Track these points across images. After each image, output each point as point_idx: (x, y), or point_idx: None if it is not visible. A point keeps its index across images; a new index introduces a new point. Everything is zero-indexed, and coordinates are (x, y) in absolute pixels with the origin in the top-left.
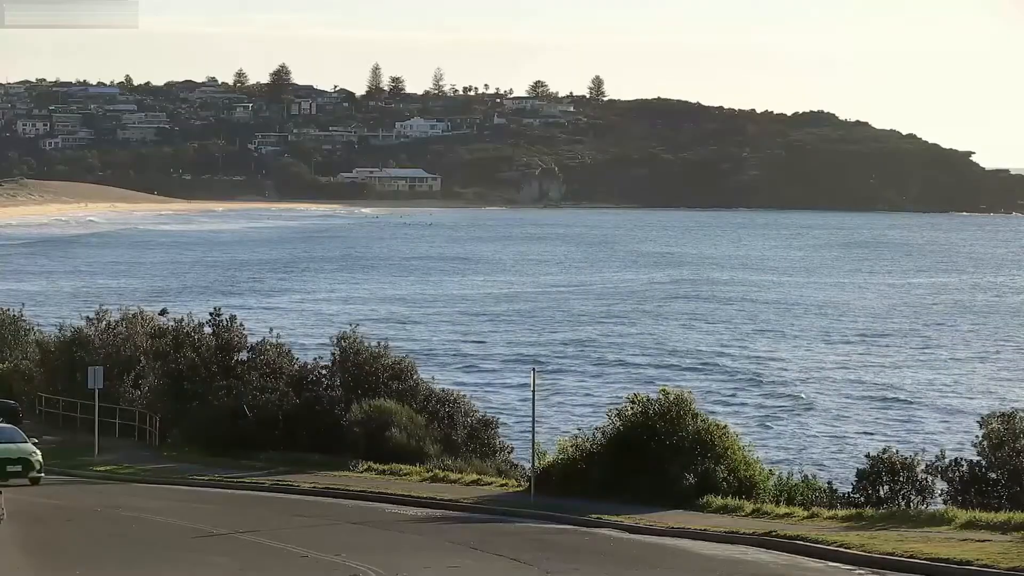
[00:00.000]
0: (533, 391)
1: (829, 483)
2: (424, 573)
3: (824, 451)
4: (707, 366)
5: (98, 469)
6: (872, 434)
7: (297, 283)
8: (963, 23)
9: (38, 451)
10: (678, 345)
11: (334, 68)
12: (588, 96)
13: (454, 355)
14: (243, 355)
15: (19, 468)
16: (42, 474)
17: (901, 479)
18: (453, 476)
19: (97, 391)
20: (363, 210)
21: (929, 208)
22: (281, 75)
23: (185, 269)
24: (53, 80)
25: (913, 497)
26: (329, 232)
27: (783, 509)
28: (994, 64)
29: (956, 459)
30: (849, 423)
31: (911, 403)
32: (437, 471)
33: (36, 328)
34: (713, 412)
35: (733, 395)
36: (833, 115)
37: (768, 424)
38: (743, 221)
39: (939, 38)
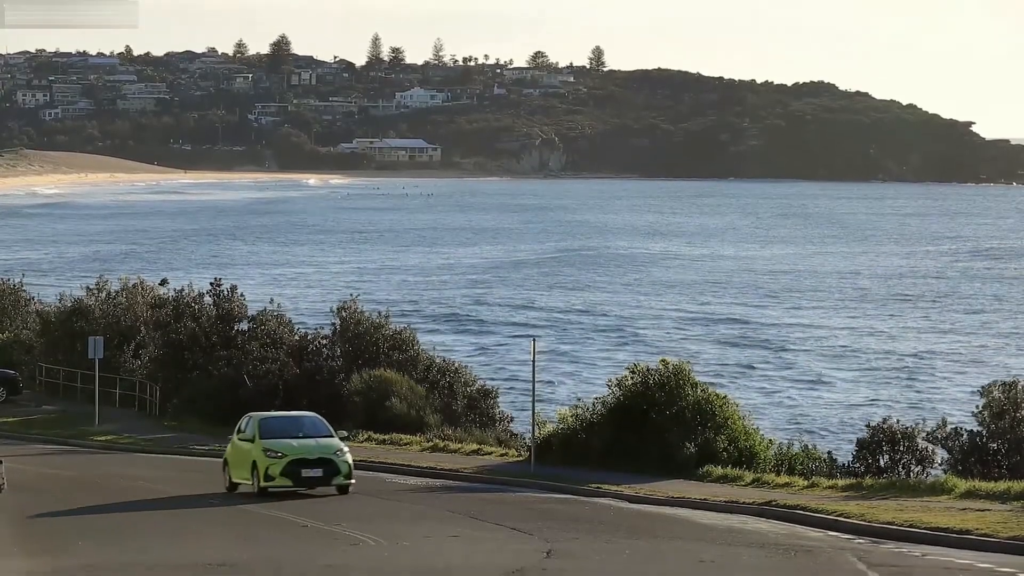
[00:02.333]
0: (533, 361)
1: (829, 453)
2: (424, 542)
3: (824, 421)
4: (704, 335)
5: (98, 439)
6: (872, 404)
7: (292, 253)
8: None
9: (346, 448)
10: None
11: (334, 39)
12: (588, 66)
13: (453, 324)
14: (243, 325)
15: (319, 473)
16: (352, 480)
17: (901, 449)
18: (453, 446)
19: (97, 361)
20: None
21: (929, 179)
22: (281, 46)
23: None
24: (53, 51)
25: (913, 467)
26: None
27: (783, 479)
28: (994, 34)
29: (956, 428)
30: (850, 393)
31: (912, 372)
32: (437, 441)
33: (36, 298)
34: (713, 383)
35: (731, 364)
36: (833, 85)
37: (768, 394)
38: (734, 191)
39: (940, 8)
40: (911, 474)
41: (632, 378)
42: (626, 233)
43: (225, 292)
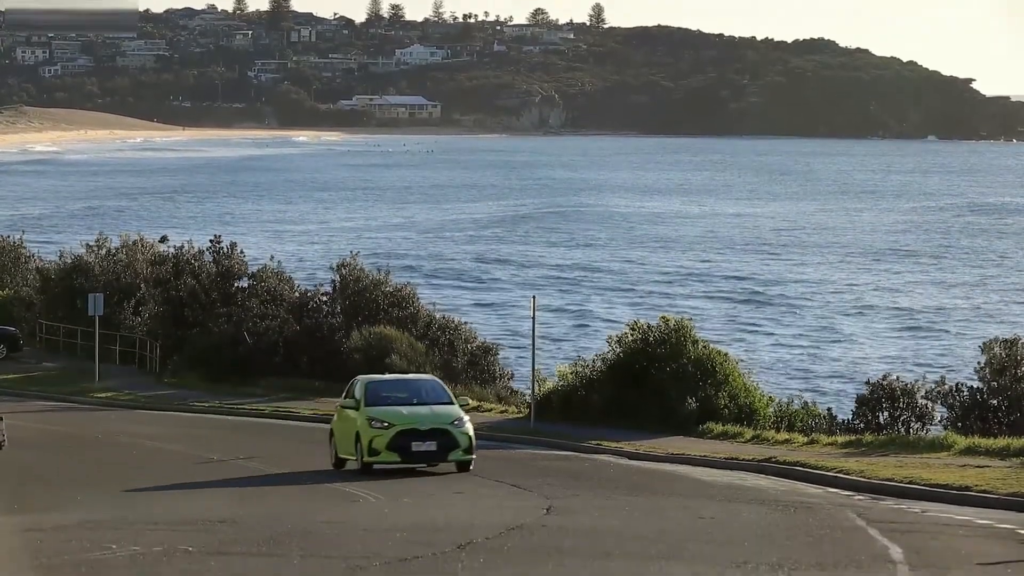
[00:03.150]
0: (533, 318)
1: (829, 410)
2: (425, 499)
3: (824, 378)
4: (700, 292)
5: (98, 396)
6: (873, 360)
7: (292, 210)
8: None
9: (466, 418)
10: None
11: None
12: (588, 23)
13: (453, 281)
14: (243, 282)
15: (432, 446)
16: (473, 456)
17: (901, 405)
18: None
19: (97, 318)
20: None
21: (929, 135)
22: (281, 2)
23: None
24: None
25: (913, 423)
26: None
27: (783, 436)
28: None
29: (956, 385)
30: (850, 350)
31: (913, 329)
32: None
33: (36, 255)
34: (714, 340)
35: (732, 321)
36: (833, 42)
37: (768, 351)
38: (734, 148)
39: None
40: (911, 431)
41: (632, 335)
42: (627, 190)
43: (225, 249)
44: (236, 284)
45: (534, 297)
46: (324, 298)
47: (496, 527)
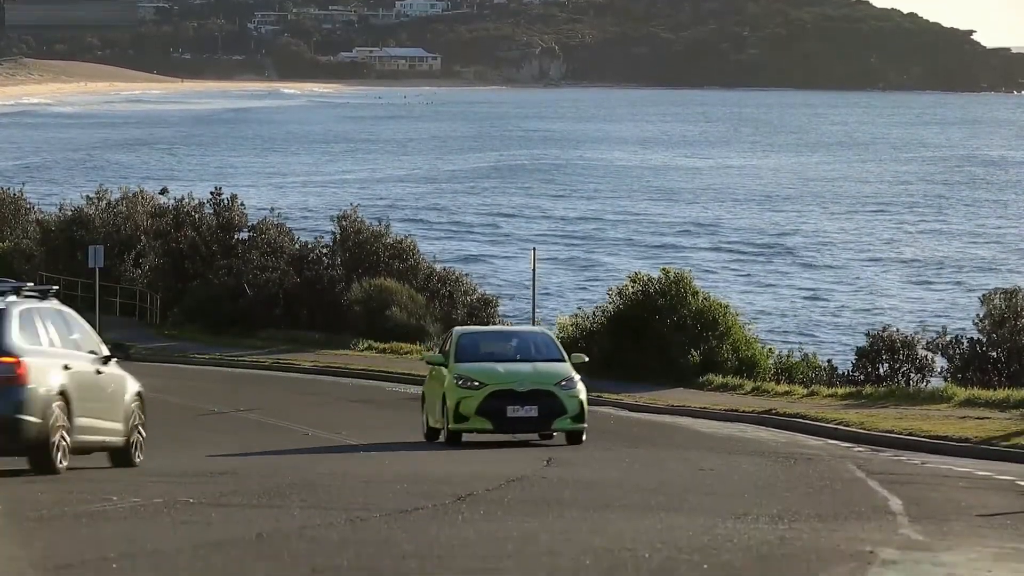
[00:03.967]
0: (533, 270)
1: (829, 361)
2: (426, 454)
3: (824, 330)
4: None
5: None
6: (873, 312)
7: (292, 163)
8: None
9: (577, 378)
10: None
11: None
12: None
13: (453, 233)
14: (244, 234)
15: (532, 412)
16: (584, 424)
17: (901, 357)
18: None
19: (98, 270)
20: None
21: (930, 88)
22: None
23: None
24: None
25: (913, 375)
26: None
27: (783, 387)
28: None
29: (956, 337)
30: (850, 301)
31: (914, 280)
32: None
33: (36, 207)
34: (715, 291)
35: (733, 272)
36: None
37: (769, 303)
38: (734, 100)
39: None
40: (910, 383)
41: (633, 287)
42: (628, 143)
43: (225, 201)
44: (236, 236)
45: (534, 249)
46: (324, 250)
47: (496, 479)
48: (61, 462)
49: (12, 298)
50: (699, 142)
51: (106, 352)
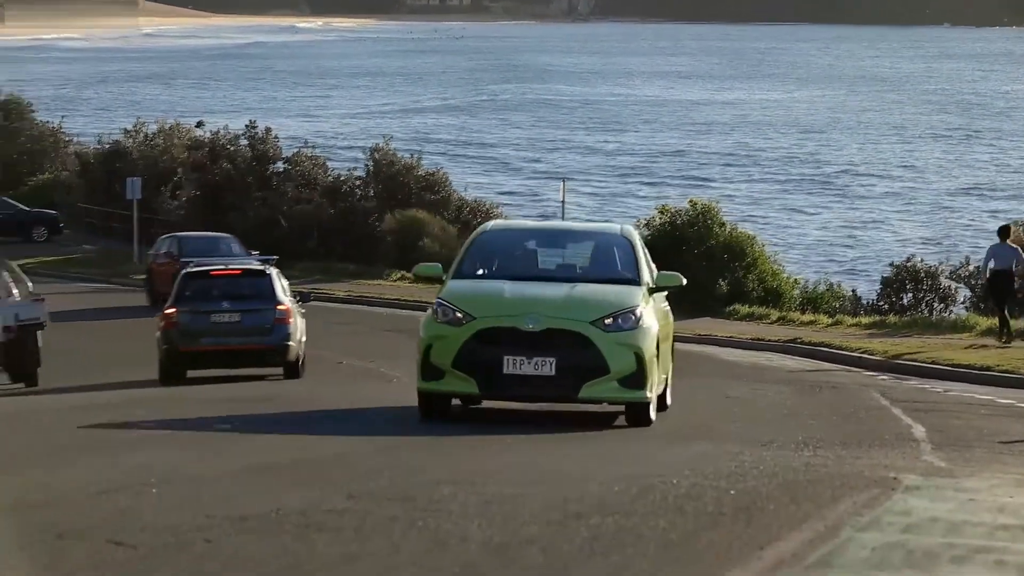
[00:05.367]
0: (563, 201)
1: (853, 291)
2: None
3: (849, 259)
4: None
5: (137, 277)
6: (897, 242)
7: (333, 95)
8: None
9: (644, 312)
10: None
11: None
12: None
13: (484, 165)
14: (279, 166)
15: (546, 369)
16: (646, 392)
17: (924, 287)
18: None
19: (136, 202)
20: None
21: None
22: None
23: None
24: None
25: (936, 305)
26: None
27: (808, 317)
28: None
29: (979, 267)
30: (875, 231)
31: (938, 209)
32: None
33: (75, 140)
34: (741, 222)
35: (759, 203)
36: None
37: (795, 233)
38: (767, 35)
39: None
40: (933, 312)
41: (661, 218)
42: (659, 76)
43: (260, 134)
44: (271, 168)
45: (563, 181)
46: (358, 182)
47: (528, 408)
48: None
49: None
50: (729, 76)
51: None
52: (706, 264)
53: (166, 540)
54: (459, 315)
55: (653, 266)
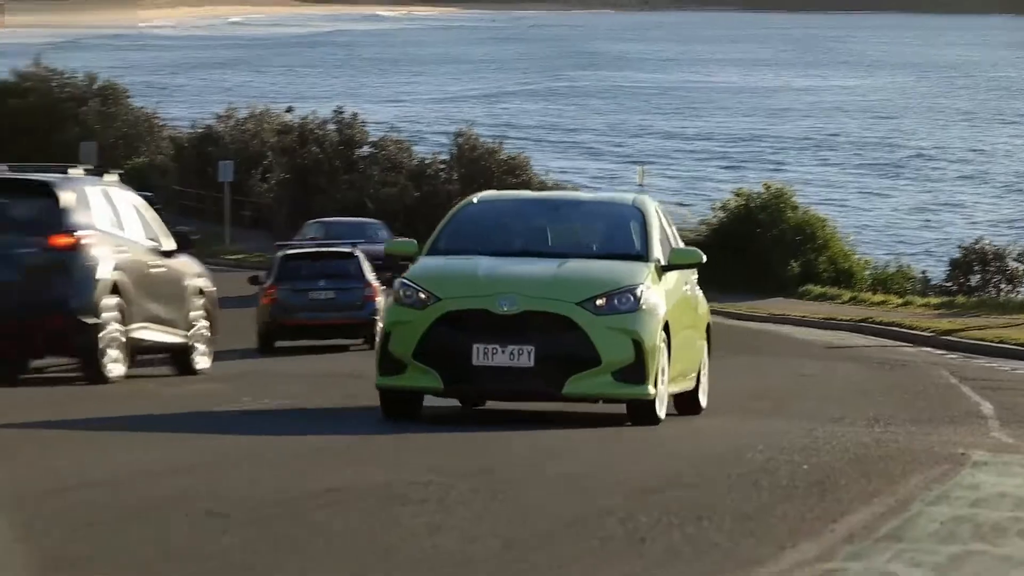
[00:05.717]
0: (640, 185)
1: (923, 272)
2: None
3: (919, 241)
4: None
5: (229, 257)
6: (967, 224)
7: (418, 80)
8: None
9: (647, 291)
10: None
11: None
12: None
13: (566, 150)
14: (365, 150)
15: (524, 359)
16: (645, 387)
17: (992, 268)
18: None
19: (227, 184)
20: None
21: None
22: None
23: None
24: None
25: (1003, 286)
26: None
27: (879, 297)
28: None
29: None
30: (944, 213)
31: (1008, 191)
32: None
33: (170, 124)
34: (814, 205)
35: (832, 186)
36: None
37: (868, 216)
38: (854, 25)
39: None
40: (1001, 293)
41: (736, 201)
42: (733, 64)
43: (347, 119)
44: (358, 152)
45: (641, 165)
46: (442, 166)
47: None
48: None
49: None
50: (800, 64)
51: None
52: (778, 246)
53: (259, 511)
54: (423, 296)
55: (679, 242)
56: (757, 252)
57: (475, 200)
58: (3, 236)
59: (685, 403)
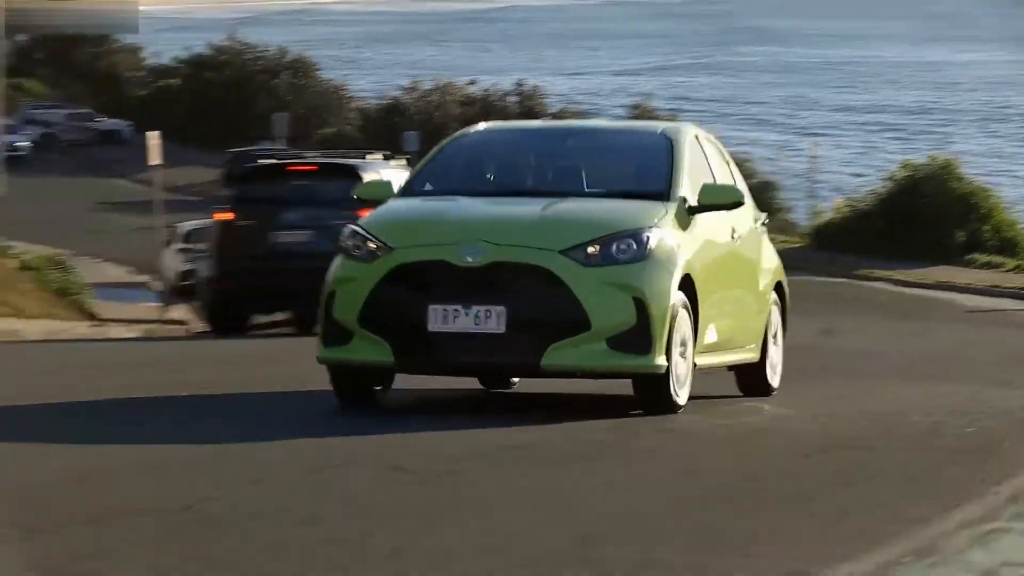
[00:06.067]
0: (813, 159)
1: None
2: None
3: None
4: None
5: None
6: None
7: (600, 53)
8: None
9: (655, 238)
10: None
11: None
12: None
13: (731, 122)
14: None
15: (493, 322)
16: (653, 357)
17: None
18: None
19: (414, 154)
20: None
21: None
22: None
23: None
24: None
25: None
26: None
27: None
28: None
29: None
30: None
31: None
32: None
33: (357, 96)
34: (984, 176)
35: (997, 157)
36: None
37: None
38: None
39: None
40: None
41: (903, 172)
42: (898, 40)
43: (528, 91)
44: None
45: (816, 137)
46: None
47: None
48: None
49: None
50: (971, 39)
51: None
52: (944, 215)
53: (443, 466)
54: (373, 246)
55: (725, 178)
56: (924, 221)
57: (471, 131)
58: (321, 211)
59: (747, 381)
